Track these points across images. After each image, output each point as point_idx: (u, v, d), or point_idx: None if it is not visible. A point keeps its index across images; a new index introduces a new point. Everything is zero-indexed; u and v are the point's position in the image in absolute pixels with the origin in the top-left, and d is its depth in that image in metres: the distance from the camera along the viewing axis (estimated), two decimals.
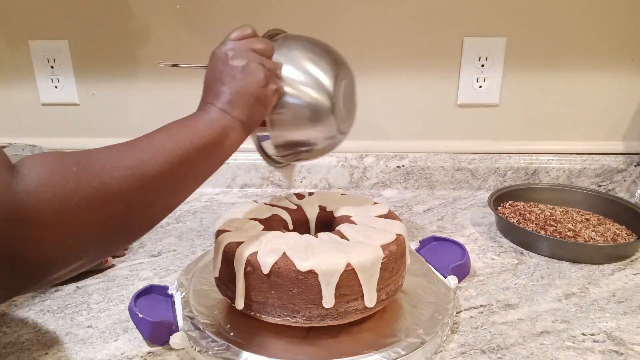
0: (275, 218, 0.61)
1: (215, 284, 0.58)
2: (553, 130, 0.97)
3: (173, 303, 0.58)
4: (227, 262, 0.53)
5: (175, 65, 0.60)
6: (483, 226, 0.82)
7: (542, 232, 0.75)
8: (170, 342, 0.52)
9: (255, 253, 0.51)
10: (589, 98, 0.95)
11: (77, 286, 0.65)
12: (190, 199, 0.77)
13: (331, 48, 0.59)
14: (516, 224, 0.77)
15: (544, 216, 0.81)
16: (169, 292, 0.60)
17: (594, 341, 0.54)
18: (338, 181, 0.98)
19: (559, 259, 0.71)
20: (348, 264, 0.49)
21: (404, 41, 0.93)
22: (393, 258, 0.53)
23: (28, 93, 0.99)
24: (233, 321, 0.55)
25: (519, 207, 0.84)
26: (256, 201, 0.66)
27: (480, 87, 0.94)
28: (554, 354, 0.51)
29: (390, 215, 0.61)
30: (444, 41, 0.92)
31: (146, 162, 0.42)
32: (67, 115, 1.00)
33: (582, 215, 0.83)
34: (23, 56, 0.96)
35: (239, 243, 0.53)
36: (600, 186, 0.95)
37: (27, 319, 0.58)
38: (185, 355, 0.52)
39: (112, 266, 0.70)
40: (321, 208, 0.64)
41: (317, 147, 0.59)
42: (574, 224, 0.78)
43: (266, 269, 0.50)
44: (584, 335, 0.55)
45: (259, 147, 0.60)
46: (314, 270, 0.49)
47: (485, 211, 0.87)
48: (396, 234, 0.55)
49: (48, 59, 0.96)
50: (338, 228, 0.58)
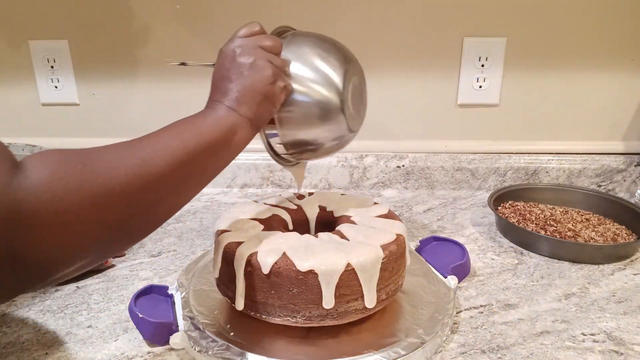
0: (275, 218, 0.61)
1: (215, 284, 0.58)
2: (553, 130, 0.97)
3: (173, 303, 0.58)
4: (227, 262, 0.53)
5: (183, 63, 0.59)
6: (483, 226, 0.82)
7: (542, 232, 0.75)
8: (170, 342, 0.52)
9: (255, 253, 0.51)
10: (589, 98, 0.95)
11: (77, 286, 0.65)
12: None
13: (341, 45, 0.58)
14: (516, 224, 0.77)
15: (544, 216, 0.81)
16: (169, 292, 0.60)
17: (594, 341, 0.54)
18: (338, 181, 0.98)
19: (559, 259, 0.71)
20: (348, 264, 0.49)
21: (404, 41, 0.93)
22: (393, 258, 0.53)
23: (28, 93, 0.99)
24: (233, 321, 0.55)
25: (519, 207, 0.84)
26: (256, 201, 0.66)
27: (480, 87, 0.94)
28: (554, 354, 0.51)
29: (390, 215, 0.61)
30: (444, 41, 0.92)
31: (150, 161, 0.41)
32: (67, 115, 1.00)
33: (582, 215, 0.83)
34: (23, 56, 0.96)
35: (239, 243, 0.53)
36: (600, 186, 0.95)
37: (27, 319, 0.58)
38: (185, 355, 0.52)
39: (112, 266, 0.70)
40: (321, 208, 0.64)
41: (326, 146, 0.58)
42: (574, 224, 0.78)
43: (266, 269, 0.50)
44: (584, 335, 0.55)
45: (268, 146, 0.59)
46: (314, 270, 0.49)
47: (485, 211, 0.87)
48: (396, 234, 0.55)
49: (48, 59, 0.96)
50: (338, 228, 0.58)
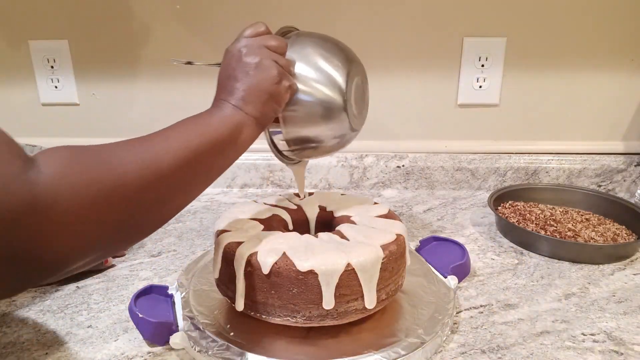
0: (275, 218, 0.61)
1: (215, 284, 0.58)
2: (553, 130, 0.97)
3: (173, 303, 0.58)
4: (227, 262, 0.53)
5: (189, 62, 0.59)
6: (483, 226, 0.82)
7: (542, 232, 0.75)
8: (170, 342, 0.52)
9: (255, 253, 0.51)
10: (589, 98, 0.95)
11: (77, 286, 0.65)
12: None
13: (343, 45, 0.59)
14: (516, 224, 0.77)
15: (544, 216, 0.81)
16: (169, 292, 0.60)
17: (594, 341, 0.54)
18: (338, 181, 0.98)
19: (559, 259, 0.71)
20: (348, 264, 0.49)
21: (404, 41, 0.93)
22: (393, 258, 0.53)
23: (28, 93, 0.99)
24: (233, 321, 0.55)
25: (519, 207, 0.84)
26: (256, 201, 0.66)
27: (480, 87, 0.94)
28: (554, 354, 0.51)
29: (390, 215, 0.61)
30: (444, 41, 0.92)
31: (161, 157, 0.42)
32: (67, 115, 1.00)
33: (582, 215, 0.83)
34: (23, 56, 0.96)
35: (239, 243, 0.53)
36: (600, 186, 0.95)
37: (27, 319, 0.58)
38: (185, 355, 0.52)
39: (112, 266, 0.70)
40: (321, 208, 0.64)
41: (329, 144, 0.59)
42: (574, 224, 0.78)
43: (266, 269, 0.50)
44: (584, 335, 0.55)
45: (271, 144, 0.60)
46: (314, 270, 0.49)
47: (485, 211, 0.87)
48: (396, 234, 0.55)
49: (48, 59, 0.96)
50: (338, 228, 0.58)
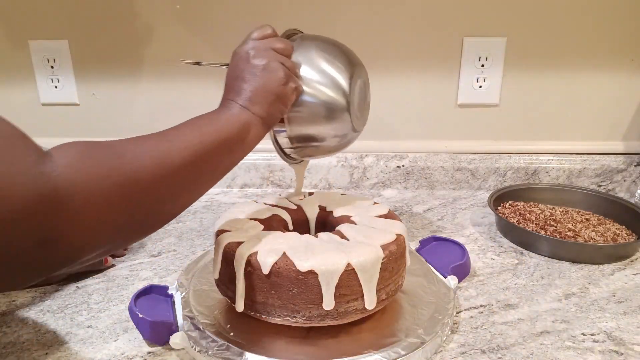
0: (275, 218, 0.61)
1: (215, 284, 0.58)
2: (553, 130, 0.97)
3: (173, 303, 0.58)
4: (227, 262, 0.53)
5: (197, 63, 0.61)
6: (483, 226, 0.82)
7: (542, 232, 0.75)
8: (170, 342, 0.52)
9: (255, 253, 0.51)
10: (589, 98, 0.95)
11: (77, 286, 0.65)
12: None
13: (346, 48, 0.61)
14: (516, 224, 0.77)
15: (544, 216, 0.81)
16: (169, 292, 0.60)
17: (594, 341, 0.54)
18: (338, 181, 0.98)
19: (559, 259, 0.71)
20: (348, 264, 0.49)
21: (404, 41, 0.93)
22: (393, 258, 0.53)
23: (28, 93, 0.99)
24: (233, 321, 0.55)
25: (519, 207, 0.84)
26: (256, 201, 0.66)
27: (480, 87, 0.94)
28: (554, 354, 0.51)
29: (390, 215, 0.61)
30: (444, 41, 0.92)
31: (174, 153, 0.43)
32: (67, 115, 1.00)
33: (582, 215, 0.83)
34: (23, 56, 0.96)
35: (239, 243, 0.53)
36: (600, 186, 0.95)
37: (27, 319, 0.58)
38: (185, 355, 0.52)
39: (112, 266, 0.70)
40: (321, 208, 0.64)
41: (331, 144, 0.61)
42: (574, 224, 0.78)
43: (266, 269, 0.50)
44: (584, 335, 0.55)
45: (275, 143, 0.62)
46: (314, 270, 0.49)
47: (485, 211, 0.87)
48: (396, 234, 0.55)
49: (48, 59, 0.96)
50: (338, 228, 0.58)
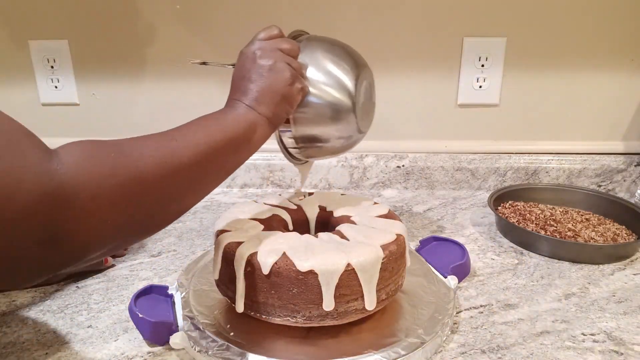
0: (275, 218, 0.61)
1: (215, 284, 0.58)
2: (553, 130, 0.97)
3: (173, 303, 0.58)
4: (227, 262, 0.53)
5: (204, 63, 0.61)
6: (483, 226, 0.82)
7: (542, 232, 0.75)
8: (170, 342, 0.52)
9: (255, 253, 0.51)
10: (589, 98, 0.95)
11: (77, 286, 0.65)
12: None
13: (353, 50, 0.61)
14: (516, 224, 0.77)
15: (544, 216, 0.81)
16: (169, 292, 0.60)
17: (594, 341, 0.54)
18: (338, 181, 0.98)
19: (559, 259, 0.71)
20: (348, 264, 0.49)
21: (404, 41, 0.93)
22: (393, 258, 0.53)
23: (28, 93, 0.99)
24: (233, 321, 0.55)
25: (519, 207, 0.84)
26: (256, 201, 0.66)
27: (480, 87, 0.94)
28: (554, 354, 0.51)
29: (390, 215, 0.61)
30: (444, 41, 0.92)
31: (179, 152, 0.43)
32: (67, 115, 1.00)
33: (582, 215, 0.83)
34: (23, 56, 0.96)
35: (239, 243, 0.53)
36: (600, 186, 0.95)
37: (27, 319, 0.58)
38: (185, 355, 0.52)
39: (112, 266, 0.70)
40: (321, 208, 0.64)
41: (336, 145, 0.61)
42: (574, 224, 0.78)
43: (266, 269, 0.50)
44: (584, 335, 0.55)
45: (281, 143, 0.62)
46: (314, 270, 0.49)
47: (485, 211, 0.87)
48: (396, 234, 0.55)
49: (48, 59, 0.96)
50: (338, 228, 0.58)
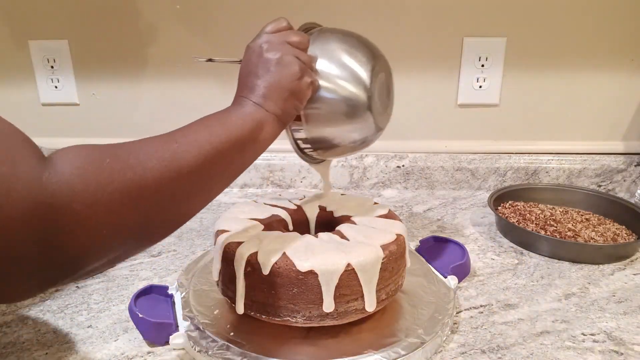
0: (275, 218, 0.61)
1: (215, 284, 0.58)
2: (553, 130, 0.97)
3: (173, 303, 0.58)
4: (227, 262, 0.53)
5: (210, 60, 0.59)
6: (483, 226, 0.82)
7: (542, 232, 0.75)
8: (170, 342, 0.52)
9: (255, 253, 0.51)
10: (589, 98, 0.95)
11: (77, 286, 0.65)
12: None
13: (368, 40, 0.57)
14: (516, 224, 0.77)
15: (544, 216, 0.81)
16: (169, 292, 0.60)
17: (594, 341, 0.54)
18: (338, 181, 0.98)
19: (559, 259, 0.71)
20: (348, 264, 0.49)
21: (404, 41, 0.93)
22: (393, 258, 0.53)
23: (28, 93, 0.99)
24: (233, 321, 0.55)
25: (519, 207, 0.84)
26: (256, 201, 0.66)
27: (480, 87, 0.94)
28: (554, 354, 0.51)
29: (390, 215, 0.61)
30: (444, 41, 0.92)
31: (180, 155, 0.41)
32: (67, 115, 1.00)
33: (582, 215, 0.83)
34: (23, 56, 0.96)
35: (239, 243, 0.53)
36: (600, 186, 0.95)
37: (27, 319, 0.58)
38: (185, 355, 0.52)
39: (112, 266, 0.70)
40: (321, 208, 0.64)
41: (352, 143, 0.58)
42: (574, 224, 0.78)
43: (266, 269, 0.50)
44: (584, 335, 0.55)
45: (293, 142, 0.59)
46: (314, 270, 0.49)
47: (485, 211, 0.87)
48: (396, 234, 0.55)
49: (48, 59, 0.96)
50: (338, 228, 0.58)
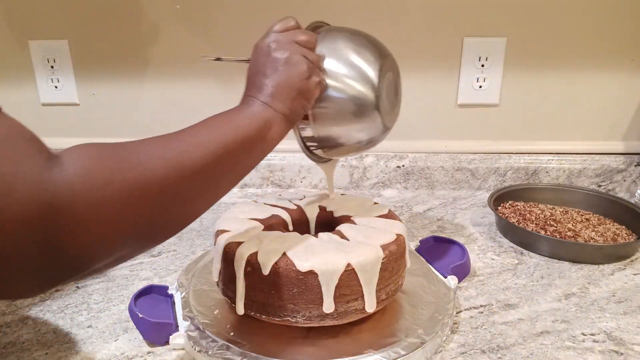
0: (275, 218, 0.61)
1: (215, 284, 0.58)
2: (553, 130, 0.97)
3: (173, 303, 0.58)
4: (227, 262, 0.53)
5: (218, 59, 0.59)
6: (483, 226, 0.82)
7: (542, 232, 0.75)
8: (170, 342, 0.52)
9: (255, 253, 0.51)
10: (589, 98, 0.95)
11: (77, 286, 0.65)
12: None
13: (376, 40, 0.57)
14: (516, 224, 0.77)
15: (544, 216, 0.81)
16: (169, 292, 0.60)
17: (594, 341, 0.54)
18: (338, 181, 0.98)
19: (559, 259, 0.71)
20: (348, 264, 0.49)
21: (404, 41, 0.93)
22: (393, 258, 0.53)
23: (28, 93, 0.99)
24: (233, 321, 0.55)
25: (519, 207, 0.84)
26: (256, 201, 0.66)
27: (480, 87, 0.94)
28: (554, 354, 0.51)
29: (390, 215, 0.61)
30: (444, 41, 0.92)
31: (186, 155, 0.41)
32: (67, 115, 1.00)
33: (582, 215, 0.83)
34: (23, 56, 0.96)
35: (239, 243, 0.53)
36: (600, 186, 0.95)
37: (27, 319, 0.58)
38: (185, 355, 0.52)
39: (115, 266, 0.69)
40: (321, 208, 0.64)
41: (359, 142, 0.58)
42: (574, 224, 0.78)
43: (266, 269, 0.50)
44: (584, 335, 0.55)
45: (301, 141, 0.59)
46: (314, 270, 0.49)
47: (485, 211, 0.87)
48: (396, 234, 0.55)
49: (48, 59, 0.96)
50: (338, 228, 0.58)
